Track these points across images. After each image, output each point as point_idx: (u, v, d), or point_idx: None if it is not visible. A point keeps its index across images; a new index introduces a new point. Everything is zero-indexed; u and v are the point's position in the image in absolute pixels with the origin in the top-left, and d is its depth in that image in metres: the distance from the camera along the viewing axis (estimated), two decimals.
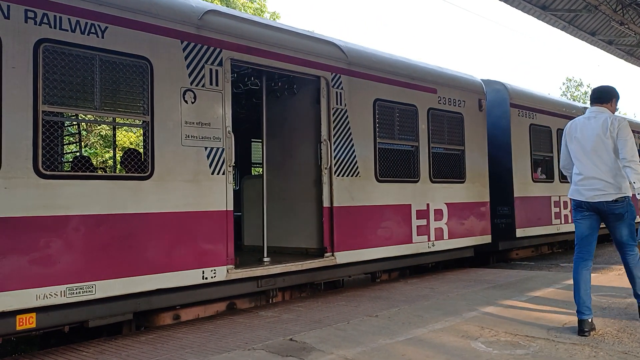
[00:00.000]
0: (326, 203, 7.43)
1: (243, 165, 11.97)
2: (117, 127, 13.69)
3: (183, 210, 5.83)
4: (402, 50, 78.45)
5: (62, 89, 5.07)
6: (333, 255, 7.42)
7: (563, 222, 12.24)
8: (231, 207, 6.29)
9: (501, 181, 10.81)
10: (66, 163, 7.65)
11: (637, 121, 17.60)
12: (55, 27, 4.98)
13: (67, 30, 5.07)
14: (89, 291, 5.08)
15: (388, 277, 8.92)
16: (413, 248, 8.61)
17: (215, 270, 6.06)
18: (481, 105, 10.14)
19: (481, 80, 10.64)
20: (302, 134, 7.92)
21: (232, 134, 6.33)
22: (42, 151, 4.88)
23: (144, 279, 5.47)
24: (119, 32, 5.42)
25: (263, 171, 7.66)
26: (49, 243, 4.87)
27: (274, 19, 29.99)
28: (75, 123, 7.48)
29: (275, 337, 5.11)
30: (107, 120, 7.25)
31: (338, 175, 7.54)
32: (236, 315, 6.34)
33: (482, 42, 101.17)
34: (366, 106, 8.03)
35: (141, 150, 6.29)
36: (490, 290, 7.46)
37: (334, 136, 7.53)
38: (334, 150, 7.50)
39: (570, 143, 5.25)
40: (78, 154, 7.58)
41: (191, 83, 5.98)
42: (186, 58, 5.95)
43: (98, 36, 5.27)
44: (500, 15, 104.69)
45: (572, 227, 12.08)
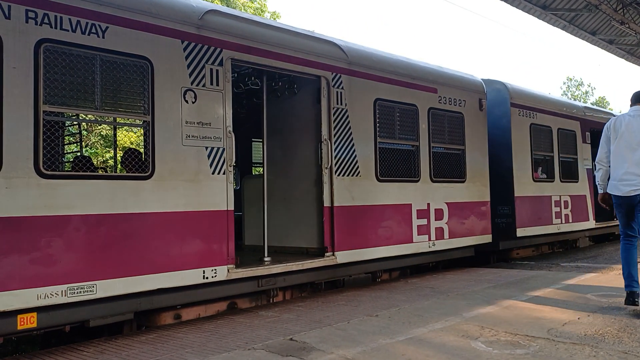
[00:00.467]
0: (327, 203, 7.44)
1: (243, 165, 11.98)
2: (118, 127, 13.75)
3: (184, 210, 5.84)
4: (403, 49, 78.46)
5: (63, 89, 5.08)
6: (334, 254, 7.42)
7: (564, 222, 12.24)
8: (232, 207, 6.29)
9: (502, 181, 10.81)
10: (67, 163, 7.66)
11: None
12: (56, 27, 4.99)
13: (68, 30, 5.07)
14: (90, 291, 5.09)
15: (389, 277, 8.92)
16: (414, 248, 8.61)
17: (215, 269, 6.07)
18: (482, 104, 10.14)
19: (482, 79, 10.63)
20: (303, 134, 7.93)
21: (233, 134, 6.34)
22: (43, 151, 4.88)
23: (145, 279, 5.48)
24: (120, 32, 5.42)
25: (264, 171, 7.66)
26: (50, 243, 4.88)
27: (275, 19, 29.98)
28: (75, 123, 7.49)
29: (275, 337, 5.10)
30: (108, 120, 7.24)
31: (338, 174, 7.54)
32: (236, 315, 6.33)
33: (483, 42, 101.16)
34: (367, 106, 8.03)
35: (141, 150, 6.30)
36: (490, 289, 7.45)
37: (335, 136, 7.53)
38: (335, 149, 7.51)
39: (615, 139, 5.77)
40: (79, 154, 7.60)
41: (192, 83, 5.98)
42: (187, 58, 5.96)
43: (99, 36, 5.27)
44: (500, 14, 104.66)
45: (572, 227, 12.31)
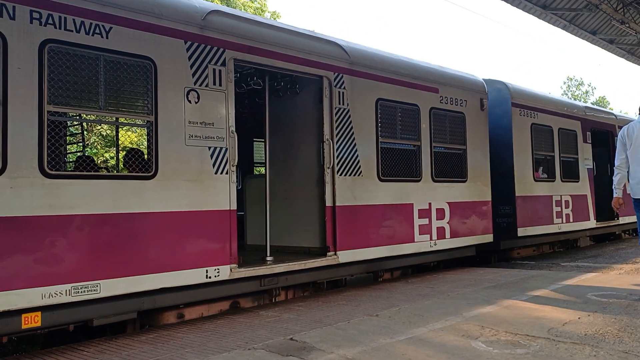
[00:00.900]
0: (329, 202, 7.46)
1: (245, 164, 12.00)
2: (119, 127, 13.77)
3: (187, 209, 5.86)
4: (403, 49, 78.42)
5: (67, 89, 5.10)
6: (335, 254, 7.44)
7: (564, 222, 12.26)
8: (234, 207, 6.32)
9: (503, 180, 10.83)
10: (70, 163, 7.68)
11: (634, 119, 17.63)
12: (60, 28, 5.01)
13: (72, 30, 5.10)
14: (94, 290, 5.11)
15: (390, 276, 8.95)
16: (415, 247, 8.64)
17: (218, 269, 6.09)
18: (483, 104, 10.17)
19: (483, 79, 10.65)
20: (305, 134, 7.95)
21: (236, 134, 6.36)
22: (48, 151, 4.90)
23: (148, 278, 5.50)
24: (123, 33, 5.44)
25: (266, 170, 7.68)
26: (55, 242, 4.90)
27: (275, 19, 30.01)
28: (78, 123, 7.51)
29: (275, 337, 5.10)
30: (112, 120, 7.26)
31: (340, 174, 7.56)
32: (237, 314, 6.34)
33: (483, 42, 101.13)
34: (368, 106, 8.05)
35: (143, 149, 6.32)
36: (490, 289, 7.44)
37: (337, 135, 7.55)
38: (337, 149, 7.53)
39: (630, 145, 6.23)
40: (81, 154, 7.62)
41: (195, 83, 6.01)
42: (190, 58, 5.98)
43: (102, 36, 5.30)
44: (501, 14, 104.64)
45: (573, 227, 12.34)
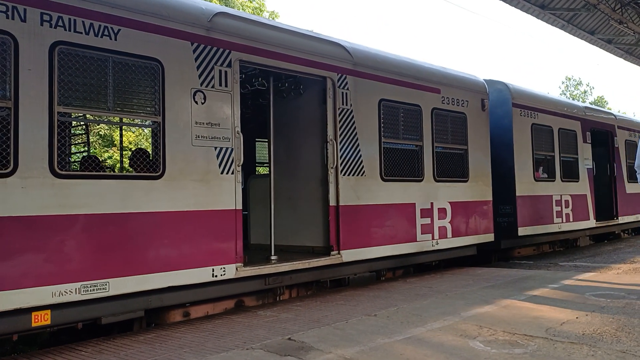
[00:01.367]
0: (332, 202, 7.53)
1: (247, 164, 12.04)
2: (116, 127, 13.83)
3: (193, 209, 5.93)
4: (402, 49, 78.49)
5: (77, 91, 5.17)
6: (339, 253, 7.52)
7: (564, 221, 12.35)
8: (240, 206, 6.39)
9: (503, 180, 10.91)
10: (76, 163, 7.74)
11: (633, 119, 17.74)
12: (70, 30, 5.08)
13: (82, 32, 5.17)
14: (103, 288, 5.18)
15: (392, 275, 9.02)
16: (417, 246, 8.71)
17: (224, 268, 6.16)
18: (484, 105, 10.24)
19: (484, 80, 10.73)
20: (308, 134, 8.02)
21: (241, 134, 6.43)
22: (58, 151, 4.97)
23: (156, 277, 5.57)
24: (131, 35, 5.51)
25: (270, 171, 7.75)
26: (64, 241, 4.97)
27: (273, 18, 30.07)
28: (83, 123, 7.57)
29: (273, 337, 5.10)
30: (120, 120, 7.32)
31: (344, 174, 7.64)
32: (235, 314, 6.34)
33: (481, 41, 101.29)
34: (371, 106, 8.13)
35: (149, 149, 6.38)
36: (488, 289, 7.44)
37: (340, 136, 7.63)
38: (340, 149, 7.60)
39: None
40: (86, 154, 7.68)
41: (201, 84, 6.08)
42: (196, 59, 6.05)
43: (111, 38, 5.37)
44: (499, 14, 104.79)
45: (573, 227, 12.44)
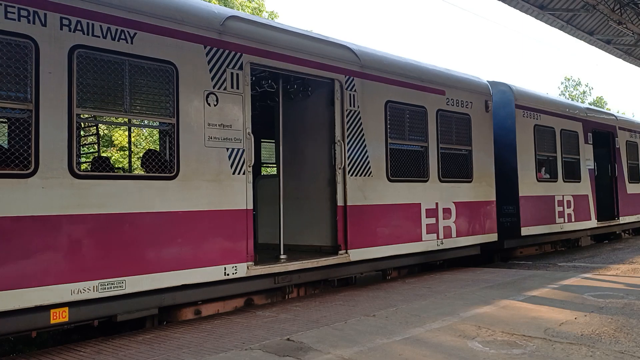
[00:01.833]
0: (340, 202, 7.66)
1: (254, 165, 12.13)
2: (113, 128, 13.92)
3: (206, 209, 6.05)
4: (401, 49, 78.61)
5: (95, 93, 5.30)
6: (347, 252, 7.64)
7: (566, 221, 12.48)
8: (251, 206, 6.51)
9: (506, 181, 11.04)
10: (86, 163, 7.86)
11: (633, 120, 17.86)
12: (88, 34, 5.21)
13: (99, 36, 5.29)
14: (120, 286, 5.30)
15: (397, 275, 9.15)
16: (423, 246, 8.84)
17: (236, 267, 6.29)
18: (488, 106, 10.37)
19: (487, 81, 10.86)
20: (316, 135, 8.15)
21: (252, 135, 6.56)
22: (76, 152, 5.09)
23: (170, 275, 5.70)
24: (147, 38, 5.64)
25: (279, 171, 7.87)
26: (83, 240, 5.09)
27: (272, 18, 30.18)
28: (100, 125, 7.69)
29: (272, 337, 5.11)
30: (136, 122, 7.43)
31: (351, 175, 7.76)
32: (234, 315, 6.37)
33: (481, 42, 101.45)
34: (378, 108, 8.25)
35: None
36: (487, 289, 7.47)
37: (348, 137, 7.75)
38: (348, 150, 7.72)
39: None
40: (97, 155, 7.80)
41: (214, 86, 6.20)
42: (209, 62, 6.18)
43: (127, 42, 5.49)
44: (499, 15, 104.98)
45: (575, 227, 12.58)
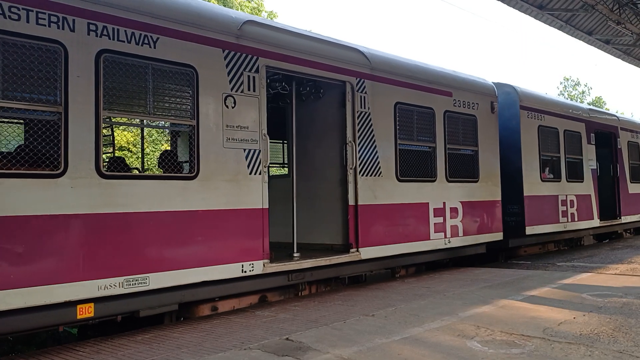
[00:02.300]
0: (351, 201, 7.84)
1: None
2: (116, 127, 14.12)
3: (225, 208, 6.24)
4: (399, 49, 78.70)
5: (120, 96, 5.49)
6: (358, 250, 7.83)
7: (570, 220, 12.67)
8: (267, 205, 6.69)
9: (511, 180, 11.22)
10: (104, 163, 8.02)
11: (635, 121, 18.06)
12: (113, 39, 5.39)
13: (124, 41, 5.48)
14: (144, 283, 5.48)
15: (405, 273, 9.33)
16: (431, 244, 9.02)
17: (253, 264, 6.47)
18: (493, 107, 10.56)
19: (493, 83, 11.05)
20: (327, 136, 8.33)
21: (268, 137, 6.74)
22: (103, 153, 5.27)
23: (191, 272, 5.88)
24: (169, 43, 5.82)
25: (293, 171, 8.05)
26: (110, 238, 5.28)
27: (272, 18, 30.37)
28: (118, 126, 7.87)
29: (271, 337, 5.13)
30: (158, 124, 7.61)
31: (362, 175, 7.95)
32: (233, 314, 6.41)
33: (479, 42, 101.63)
34: (387, 109, 8.44)
35: (176, 150, 6.68)
36: (486, 289, 7.48)
37: (359, 138, 7.94)
38: (359, 151, 7.91)
39: None
40: (112, 155, 7.97)
41: (231, 89, 6.38)
42: (227, 66, 6.36)
43: (150, 46, 5.67)
44: (497, 15, 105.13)
45: (578, 226, 12.77)
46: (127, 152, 21.99)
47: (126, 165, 7.18)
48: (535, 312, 5.89)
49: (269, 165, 12.40)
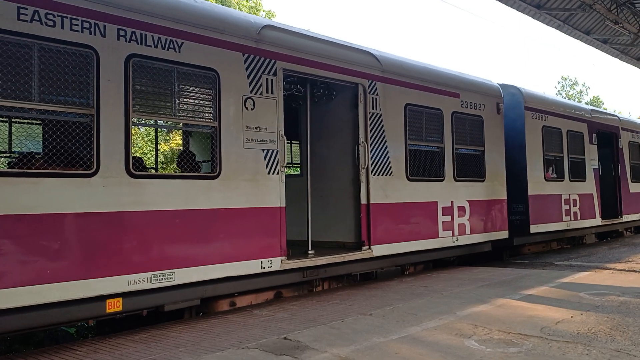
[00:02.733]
0: (364, 200, 8.07)
1: None
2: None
3: (245, 206, 6.46)
4: (398, 48, 78.87)
5: (147, 99, 5.71)
6: (370, 248, 8.05)
7: (572, 219, 12.91)
8: (284, 204, 6.92)
9: (516, 180, 11.46)
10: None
11: (636, 121, 18.30)
12: (141, 44, 5.61)
13: (151, 46, 5.69)
14: (170, 278, 5.71)
15: (414, 270, 9.56)
16: (439, 242, 9.26)
17: (271, 260, 6.70)
18: (499, 108, 10.80)
19: (498, 84, 11.28)
20: (339, 137, 8.56)
21: (285, 137, 6.96)
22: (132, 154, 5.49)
23: (214, 268, 6.10)
24: (193, 47, 6.04)
25: (307, 170, 8.27)
26: (138, 235, 5.50)
27: (269, 17, 30.59)
28: (145, 128, 8.07)
29: (269, 336, 5.13)
30: (182, 126, 7.82)
31: (374, 174, 8.17)
32: (230, 314, 6.44)
33: (477, 41, 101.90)
34: (398, 110, 8.67)
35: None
36: (484, 288, 7.51)
37: (370, 138, 8.17)
38: (371, 151, 8.14)
39: None
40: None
41: (251, 91, 6.60)
42: (247, 69, 6.58)
43: (176, 51, 5.89)
44: (495, 14, 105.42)
45: (580, 224, 13.01)
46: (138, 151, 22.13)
47: (144, 165, 7.40)
48: (532, 311, 5.91)
49: None
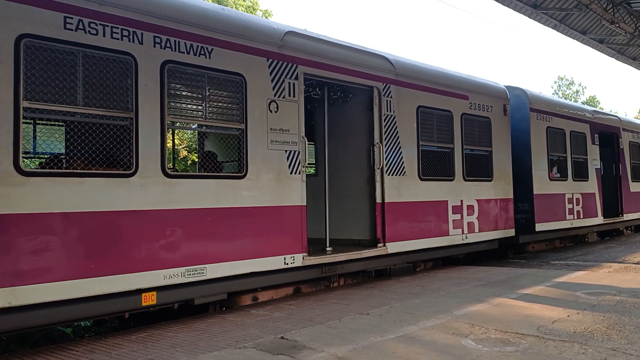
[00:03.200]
0: (379, 199, 8.38)
1: None
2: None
3: (270, 204, 6.77)
4: (396, 48, 79.19)
5: (181, 103, 6.00)
6: (384, 245, 8.36)
7: (575, 218, 13.25)
8: (305, 202, 7.22)
9: (522, 179, 11.77)
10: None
11: (636, 122, 18.65)
12: (175, 50, 5.91)
13: (184, 52, 5.99)
14: (201, 273, 6.00)
15: (424, 267, 9.87)
16: (449, 240, 9.57)
17: (294, 257, 7.00)
18: (506, 110, 11.12)
19: (505, 86, 11.60)
20: (354, 138, 8.87)
21: (305, 139, 7.26)
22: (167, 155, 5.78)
23: (241, 264, 6.40)
24: (222, 53, 6.34)
25: (325, 171, 8.57)
26: (173, 231, 5.80)
27: (266, 17, 30.92)
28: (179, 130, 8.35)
29: (266, 336, 5.14)
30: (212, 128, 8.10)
31: (388, 174, 8.48)
32: (227, 313, 6.49)
33: (474, 41, 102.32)
34: (411, 112, 8.98)
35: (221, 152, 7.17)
36: (481, 287, 7.55)
37: (385, 139, 8.47)
38: (385, 152, 8.45)
39: None
40: None
41: (274, 95, 6.90)
42: (271, 73, 6.88)
43: (206, 57, 6.19)
44: (492, 14, 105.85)
45: (583, 223, 13.34)
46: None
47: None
48: (529, 311, 5.92)
49: None
